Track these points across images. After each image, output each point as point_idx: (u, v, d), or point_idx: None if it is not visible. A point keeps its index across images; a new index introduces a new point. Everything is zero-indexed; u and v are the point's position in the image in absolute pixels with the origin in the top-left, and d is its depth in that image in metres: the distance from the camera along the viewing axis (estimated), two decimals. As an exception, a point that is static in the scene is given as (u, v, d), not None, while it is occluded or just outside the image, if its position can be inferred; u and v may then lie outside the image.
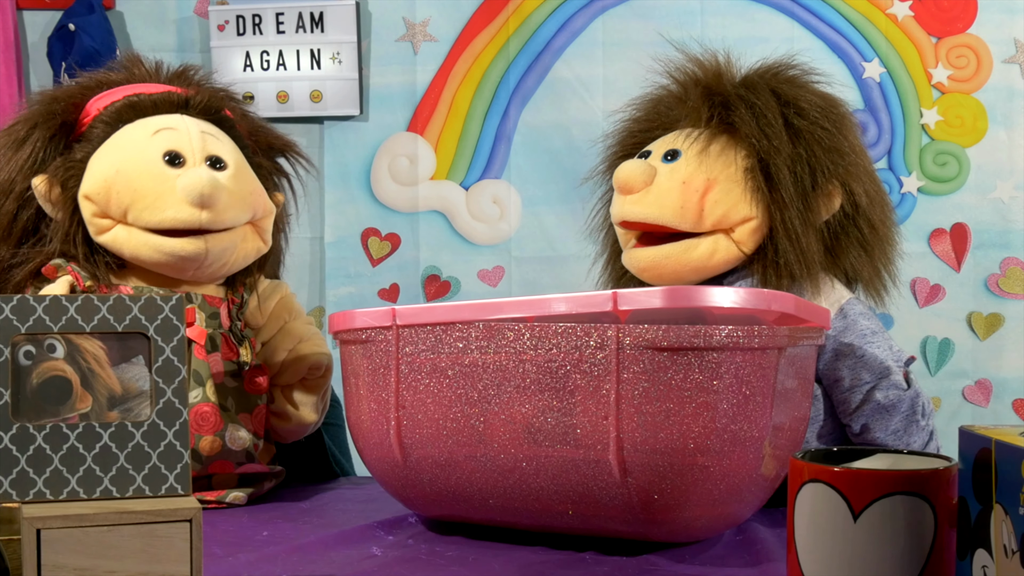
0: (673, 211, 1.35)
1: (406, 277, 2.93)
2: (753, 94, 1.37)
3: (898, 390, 1.33)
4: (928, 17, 2.82)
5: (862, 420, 1.33)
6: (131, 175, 1.36)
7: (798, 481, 0.82)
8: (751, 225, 1.36)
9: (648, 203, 1.37)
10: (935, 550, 0.78)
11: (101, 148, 1.39)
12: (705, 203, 1.35)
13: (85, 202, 1.37)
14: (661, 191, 1.36)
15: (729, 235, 1.36)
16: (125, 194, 1.35)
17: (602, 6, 2.89)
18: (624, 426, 1.02)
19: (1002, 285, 2.82)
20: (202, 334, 1.37)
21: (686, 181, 1.36)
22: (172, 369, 0.88)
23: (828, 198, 1.36)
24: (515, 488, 1.09)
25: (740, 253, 1.37)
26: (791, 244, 1.33)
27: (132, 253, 1.38)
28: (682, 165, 1.37)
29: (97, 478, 0.86)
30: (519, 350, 1.07)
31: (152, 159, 1.36)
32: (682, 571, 1.04)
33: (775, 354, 1.05)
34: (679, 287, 1.30)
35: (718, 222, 1.36)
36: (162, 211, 1.35)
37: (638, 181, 1.37)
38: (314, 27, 2.90)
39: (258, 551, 1.10)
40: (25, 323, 0.85)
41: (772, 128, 1.34)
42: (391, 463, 1.16)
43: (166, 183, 1.35)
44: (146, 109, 1.42)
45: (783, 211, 1.33)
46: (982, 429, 0.82)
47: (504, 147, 2.92)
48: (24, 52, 2.95)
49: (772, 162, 1.34)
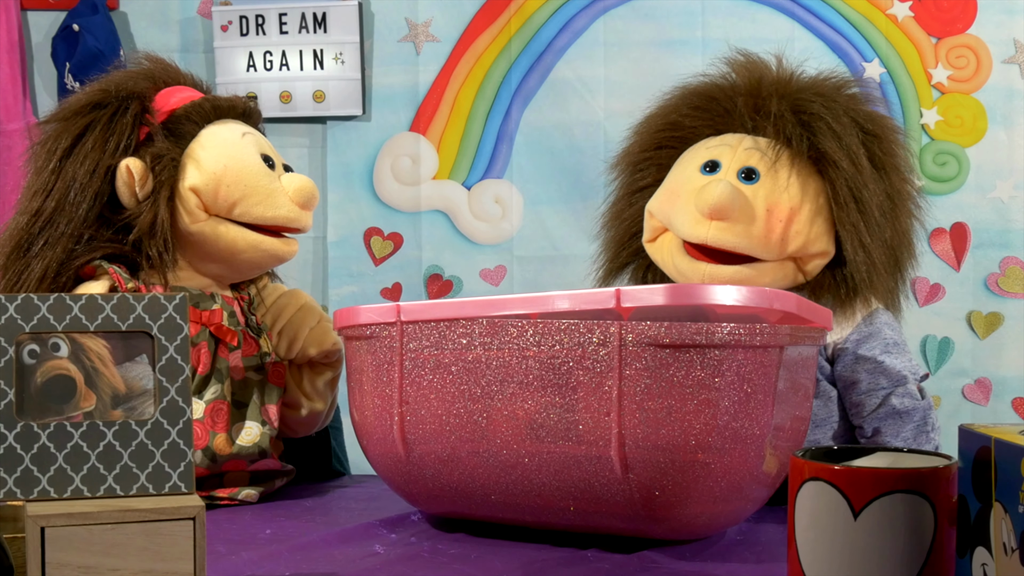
0: (759, 241, 1.32)
1: (408, 276, 2.94)
2: (834, 118, 1.33)
3: (913, 399, 1.34)
4: (928, 17, 2.82)
5: (875, 424, 1.34)
6: (240, 172, 1.39)
7: (799, 479, 0.82)
8: (824, 260, 1.35)
9: (737, 232, 1.32)
10: (935, 548, 0.78)
11: (195, 144, 1.40)
12: (788, 233, 1.33)
13: (189, 194, 1.38)
14: (747, 218, 1.32)
15: (798, 263, 1.35)
16: (236, 188, 1.39)
17: (604, 7, 2.89)
18: (626, 422, 1.03)
19: (1002, 284, 2.82)
20: (232, 333, 1.39)
21: (770, 209, 1.32)
22: (176, 368, 0.88)
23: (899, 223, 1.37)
24: (517, 484, 1.10)
25: (800, 280, 1.37)
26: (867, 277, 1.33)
27: (228, 245, 1.40)
28: (764, 189, 1.33)
29: (101, 476, 0.86)
30: (522, 346, 1.07)
31: (255, 159, 1.42)
32: (684, 568, 1.04)
33: (777, 352, 1.06)
34: (681, 284, 1.30)
35: (797, 252, 1.34)
36: (275, 208, 1.41)
37: (734, 210, 1.31)
38: (317, 27, 2.91)
39: (261, 549, 1.11)
40: (29, 322, 0.85)
41: (858, 158, 1.32)
42: (394, 459, 1.16)
43: (274, 182, 1.42)
44: (223, 111, 1.45)
45: (862, 244, 1.32)
46: (982, 427, 0.82)
47: (506, 147, 2.92)
48: (28, 52, 2.96)
49: (862, 195, 1.32)
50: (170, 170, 1.38)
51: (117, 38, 2.89)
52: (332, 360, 1.49)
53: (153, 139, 1.39)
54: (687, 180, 1.38)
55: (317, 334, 1.48)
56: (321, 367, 1.49)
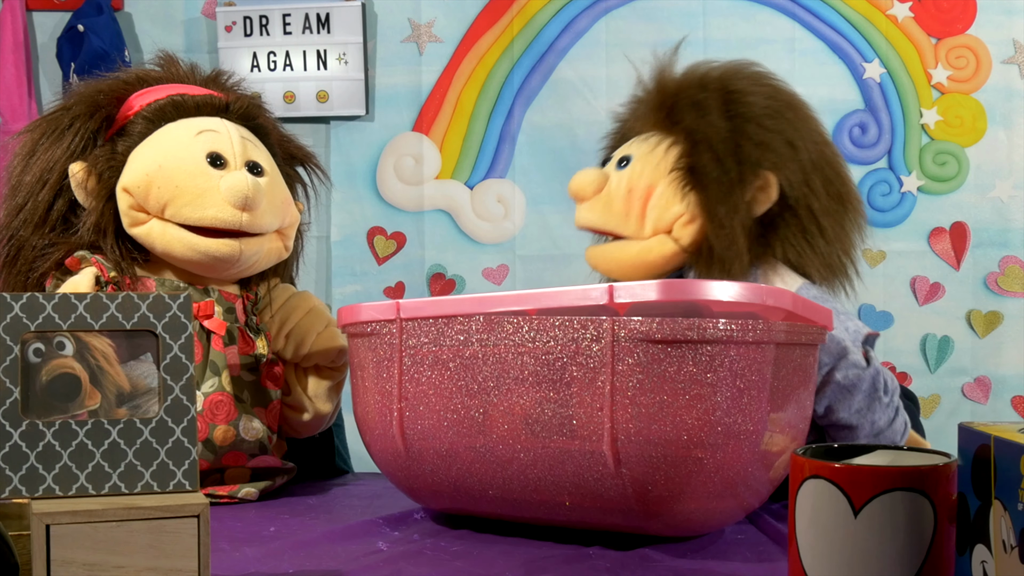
0: (618, 218, 1.41)
1: (411, 275, 2.94)
2: (703, 92, 1.40)
3: (857, 369, 1.31)
4: (928, 18, 2.83)
5: (825, 402, 1.32)
6: (174, 171, 1.37)
7: (799, 477, 0.82)
8: (682, 220, 1.38)
9: (598, 210, 1.43)
10: (935, 545, 0.79)
11: (143, 143, 1.40)
12: (647, 208, 1.40)
13: (123, 194, 1.38)
14: (610, 198, 1.42)
15: (670, 235, 1.39)
16: (166, 189, 1.36)
17: (605, 7, 2.90)
18: (618, 417, 1.03)
19: (1001, 283, 2.83)
20: (221, 326, 1.39)
21: (631, 188, 1.41)
22: (180, 366, 0.89)
23: (760, 191, 1.37)
24: (514, 479, 1.10)
25: (678, 248, 1.39)
26: (717, 235, 1.35)
27: (164, 248, 1.38)
28: (629, 171, 1.42)
29: (106, 474, 0.86)
30: (518, 342, 1.08)
31: (195, 158, 1.38)
32: (685, 566, 1.04)
33: (771, 349, 1.05)
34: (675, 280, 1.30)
35: (657, 224, 1.39)
36: (204, 209, 1.36)
37: (587, 189, 1.44)
38: (320, 28, 2.91)
39: (265, 546, 1.11)
40: (35, 321, 0.86)
41: (706, 121, 1.37)
42: (394, 454, 1.17)
43: (209, 182, 1.37)
44: (189, 110, 1.43)
45: (709, 203, 1.36)
46: (981, 426, 0.82)
47: (508, 147, 2.93)
48: (33, 53, 2.97)
49: (699, 156, 1.36)
50: (108, 171, 1.39)
51: (122, 39, 2.90)
52: (338, 364, 1.49)
53: (114, 142, 1.41)
54: None
55: (324, 339, 1.47)
56: (327, 371, 1.49)
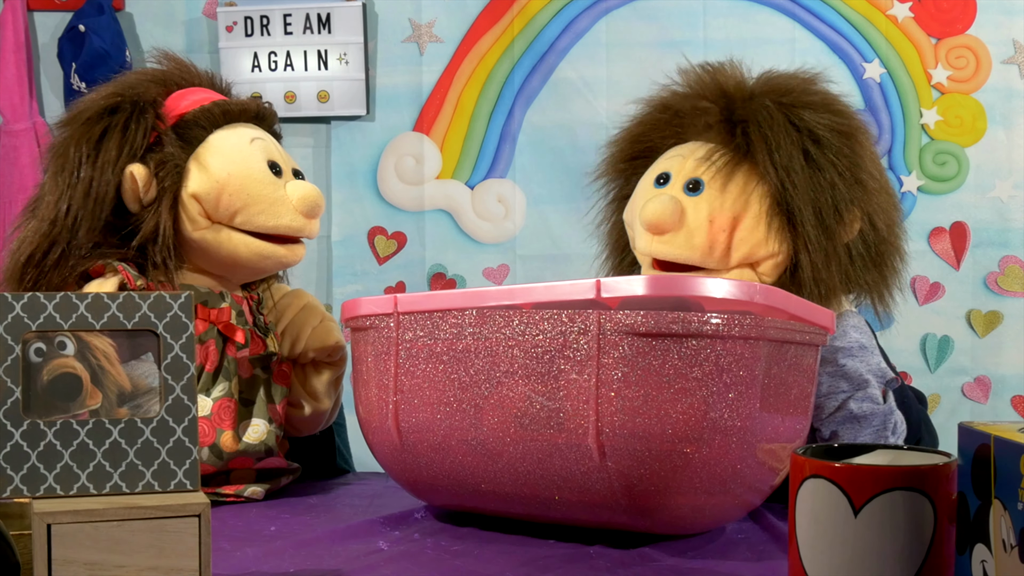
0: (702, 252, 1.34)
1: (412, 275, 2.95)
2: (768, 120, 1.33)
3: (872, 403, 1.31)
4: (928, 18, 2.83)
5: (832, 427, 1.32)
6: (244, 180, 1.39)
7: (799, 477, 0.83)
8: (775, 261, 1.34)
9: (678, 244, 1.34)
10: (935, 545, 0.79)
11: (201, 150, 1.40)
12: (732, 241, 1.34)
13: (191, 201, 1.38)
14: (689, 230, 1.34)
15: (754, 268, 1.35)
16: (238, 197, 1.38)
17: (606, 7, 2.90)
18: (603, 410, 1.03)
19: (1001, 283, 2.83)
20: (240, 331, 1.40)
21: (712, 219, 1.33)
22: (181, 366, 0.89)
23: (849, 226, 1.34)
24: (505, 473, 1.10)
25: (758, 280, 1.35)
26: (814, 278, 1.32)
27: (230, 253, 1.40)
28: (706, 200, 1.34)
29: (107, 474, 0.86)
30: (509, 336, 1.08)
31: (260, 167, 1.41)
32: (685, 565, 1.04)
33: (761, 346, 1.05)
34: (662, 275, 1.30)
35: (744, 259, 1.34)
36: (278, 217, 1.41)
37: (669, 223, 1.33)
38: (321, 28, 2.91)
39: (266, 545, 1.11)
40: (36, 320, 0.86)
41: (791, 165, 1.31)
42: (391, 446, 1.18)
43: (278, 191, 1.41)
44: (235, 116, 1.45)
45: (807, 249, 1.32)
46: (981, 425, 0.83)
47: (509, 147, 2.93)
48: (34, 53, 2.97)
49: (794, 203, 1.31)
50: (173, 176, 1.38)
51: (123, 39, 2.90)
52: (335, 359, 1.50)
53: (162, 144, 1.39)
54: (642, 194, 1.41)
55: (319, 334, 1.48)
56: (324, 366, 1.50)
